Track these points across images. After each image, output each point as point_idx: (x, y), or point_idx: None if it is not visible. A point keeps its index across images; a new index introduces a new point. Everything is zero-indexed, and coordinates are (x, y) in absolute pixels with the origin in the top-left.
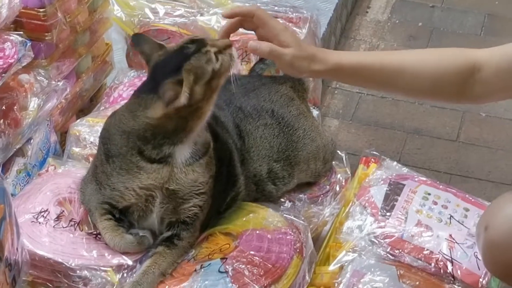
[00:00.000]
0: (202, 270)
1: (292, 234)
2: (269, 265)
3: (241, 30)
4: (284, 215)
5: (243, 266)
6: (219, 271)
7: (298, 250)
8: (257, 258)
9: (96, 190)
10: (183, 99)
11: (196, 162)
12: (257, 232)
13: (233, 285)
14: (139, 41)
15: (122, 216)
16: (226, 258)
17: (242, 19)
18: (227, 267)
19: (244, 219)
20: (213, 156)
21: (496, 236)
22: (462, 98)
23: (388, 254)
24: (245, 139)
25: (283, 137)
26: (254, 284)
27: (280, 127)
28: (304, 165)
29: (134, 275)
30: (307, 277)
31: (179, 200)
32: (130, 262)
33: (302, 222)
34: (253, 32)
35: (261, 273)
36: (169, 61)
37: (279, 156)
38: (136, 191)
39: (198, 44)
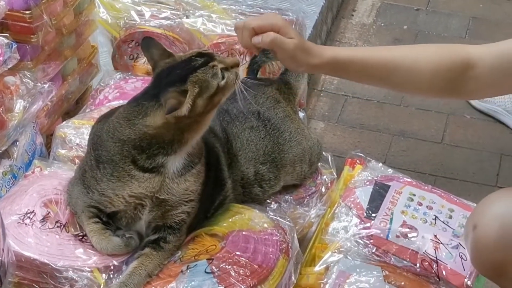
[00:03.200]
0: (189, 271)
1: (278, 235)
2: (255, 266)
3: (226, 32)
4: (270, 216)
5: (229, 267)
6: (206, 272)
7: (284, 251)
8: (243, 258)
9: (83, 193)
10: (184, 109)
11: (189, 172)
12: (243, 233)
13: (220, 285)
14: (148, 45)
15: (109, 220)
16: (213, 259)
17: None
18: (214, 267)
19: (230, 220)
20: (204, 162)
21: (484, 235)
22: (454, 94)
23: (373, 255)
24: (232, 143)
25: (269, 140)
26: (240, 285)
27: (266, 129)
28: (290, 168)
29: (121, 276)
30: (293, 278)
31: (167, 207)
32: (116, 263)
33: (288, 223)
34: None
35: (247, 274)
36: (175, 70)
37: (265, 158)
38: (125, 199)
39: (206, 58)
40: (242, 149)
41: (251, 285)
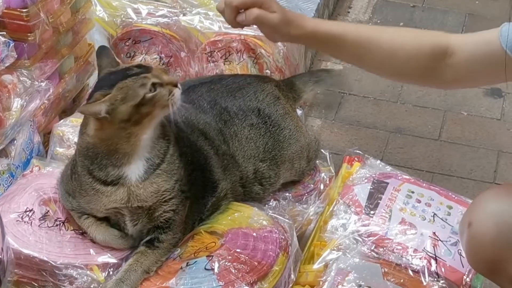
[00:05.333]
0: (188, 267)
1: (277, 232)
2: (255, 263)
3: (223, 29)
4: (269, 214)
5: (229, 264)
6: (205, 269)
7: (283, 248)
8: (243, 255)
9: (66, 197)
10: (100, 108)
11: (153, 174)
12: (243, 230)
13: (219, 282)
14: (101, 53)
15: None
16: (212, 256)
17: None
18: (213, 264)
19: (229, 218)
20: (177, 160)
21: (479, 233)
22: (429, 81)
23: (372, 252)
24: (229, 143)
25: (269, 137)
26: (240, 281)
27: (267, 126)
28: (289, 164)
29: (117, 273)
30: (292, 276)
31: (149, 211)
32: (116, 261)
33: (287, 220)
34: (235, 31)
35: (247, 270)
36: (109, 77)
37: (265, 156)
38: (102, 211)
39: (143, 69)
40: (240, 148)
41: (251, 281)
